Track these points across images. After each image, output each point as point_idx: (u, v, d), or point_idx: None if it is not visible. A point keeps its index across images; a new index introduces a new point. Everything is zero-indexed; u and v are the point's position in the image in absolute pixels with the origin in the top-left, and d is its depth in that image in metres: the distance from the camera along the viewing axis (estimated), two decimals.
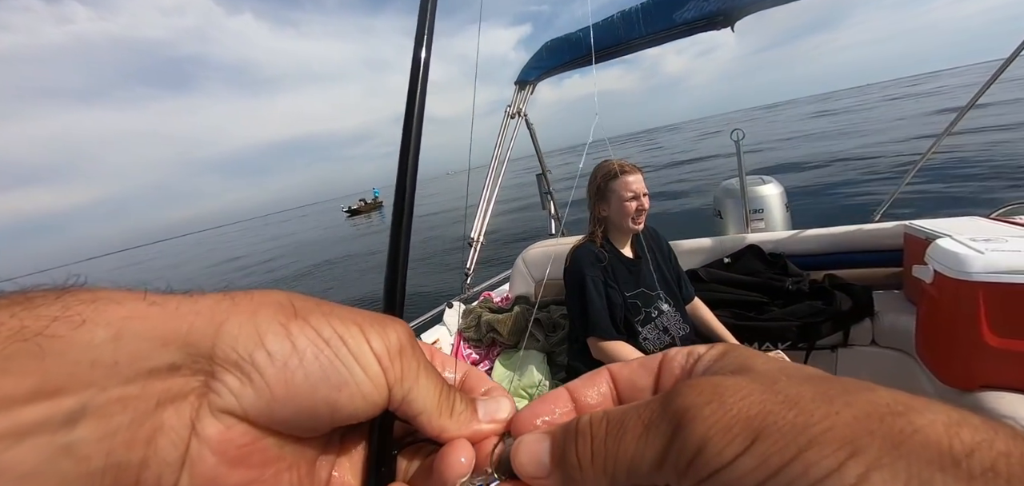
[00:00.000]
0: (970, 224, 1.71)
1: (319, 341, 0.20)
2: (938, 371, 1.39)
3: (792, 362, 0.19)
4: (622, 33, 2.22)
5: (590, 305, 1.50)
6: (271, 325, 0.19)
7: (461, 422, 0.23)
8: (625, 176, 1.57)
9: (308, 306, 0.21)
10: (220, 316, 0.19)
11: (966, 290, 1.21)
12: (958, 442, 0.13)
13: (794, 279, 1.95)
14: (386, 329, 0.21)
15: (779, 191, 2.73)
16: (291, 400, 0.19)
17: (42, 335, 0.15)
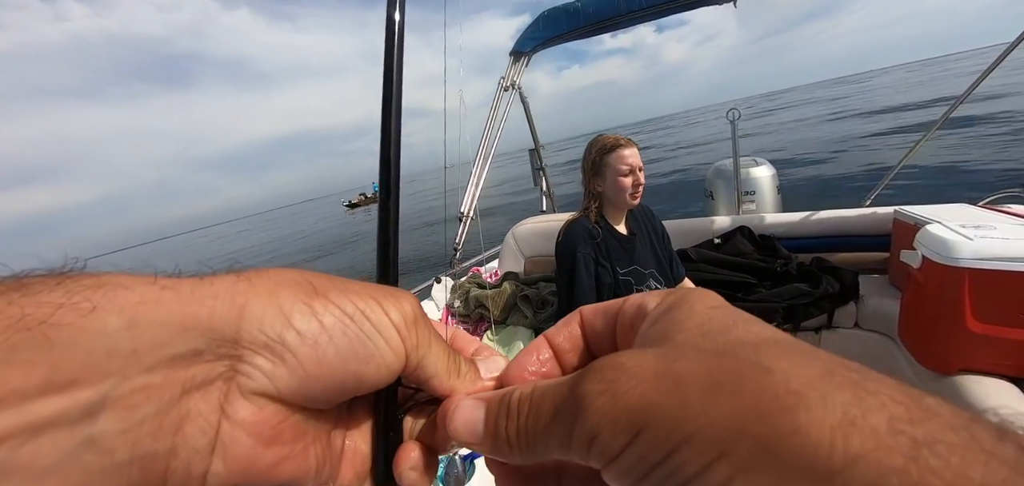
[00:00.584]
0: (960, 211, 1.72)
1: (344, 317, 0.20)
2: (919, 355, 1.41)
3: (729, 316, 0.18)
4: (622, 4, 2.16)
5: (577, 283, 1.49)
6: (295, 304, 0.19)
7: (467, 381, 0.24)
8: (620, 149, 1.54)
9: (325, 284, 0.21)
10: (240, 298, 0.18)
11: (953, 276, 1.22)
12: (841, 450, 0.12)
13: (782, 261, 1.96)
14: (400, 301, 0.22)
15: (771, 173, 2.72)
16: (323, 376, 0.19)
17: (47, 323, 0.15)
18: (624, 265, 1.56)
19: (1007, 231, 1.26)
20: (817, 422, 0.12)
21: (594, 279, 1.51)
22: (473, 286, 2.15)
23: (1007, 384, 1.19)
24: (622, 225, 1.63)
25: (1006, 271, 1.15)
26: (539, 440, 0.19)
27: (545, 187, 3.05)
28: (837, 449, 0.12)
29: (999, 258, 1.16)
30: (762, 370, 0.14)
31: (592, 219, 1.58)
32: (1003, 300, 1.17)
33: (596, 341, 0.25)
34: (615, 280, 1.53)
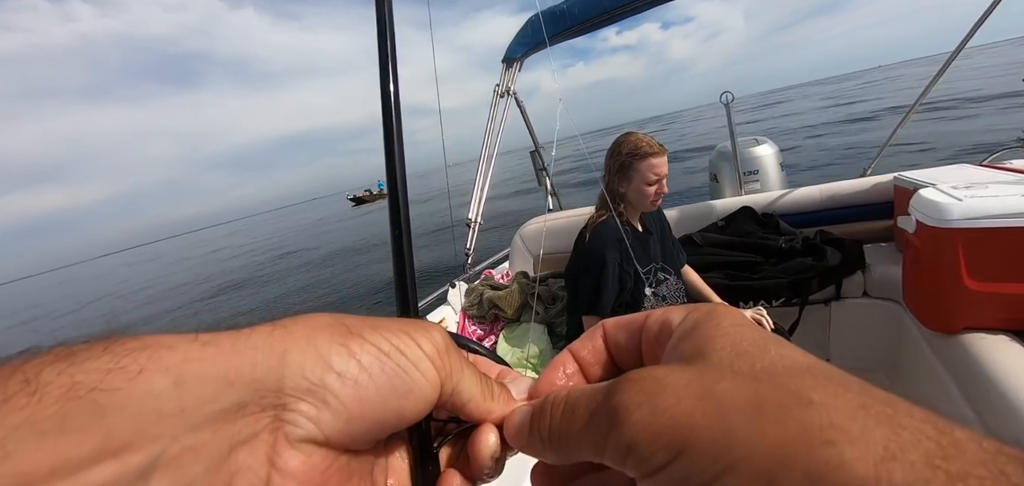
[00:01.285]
0: (958, 172, 1.73)
1: (380, 355, 0.20)
2: (923, 317, 1.44)
3: (760, 337, 0.19)
4: (607, 2, 2.21)
5: (604, 287, 1.48)
6: (332, 346, 0.20)
7: (501, 403, 0.25)
8: (652, 158, 1.50)
9: (359, 324, 0.21)
10: (279, 346, 0.19)
11: (946, 237, 1.25)
12: (885, 483, 0.12)
13: (787, 237, 1.99)
14: (431, 332, 0.23)
15: (773, 151, 2.74)
16: (366, 415, 0.20)
17: (98, 390, 0.15)
18: (643, 263, 1.58)
19: (998, 189, 1.28)
20: (861, 457, 0.13)
21: (618, 282, 1.51)
22: (486, 288, 2.22)
23: (1009, 338, 1.21)
24: (638, 222, 1.66)
25: (996, 228, 1.17)
26: (572, 442, 0.20)
27: (549, 186, 3.11)
28: (882, 483, 0.12)
29: (989, 216, 1.18)
30: (804, 402, 0.15)
31: (621, 220, 1.56)
32: (997, 256, 1.19)
33: (620, 355, 0.26)
34: (636, 279, 1.55)
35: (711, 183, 2.95)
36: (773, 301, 1.85)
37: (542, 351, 1.85)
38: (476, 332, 2.17)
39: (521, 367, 1.80)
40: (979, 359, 1.20)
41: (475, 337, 2.15)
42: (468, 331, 2.18)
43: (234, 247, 33.06)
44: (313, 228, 31.53)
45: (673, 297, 1.62)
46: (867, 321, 1.84)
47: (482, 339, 2.14)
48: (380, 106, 0.30)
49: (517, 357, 1.86)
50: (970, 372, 1.21)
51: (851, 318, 1.88)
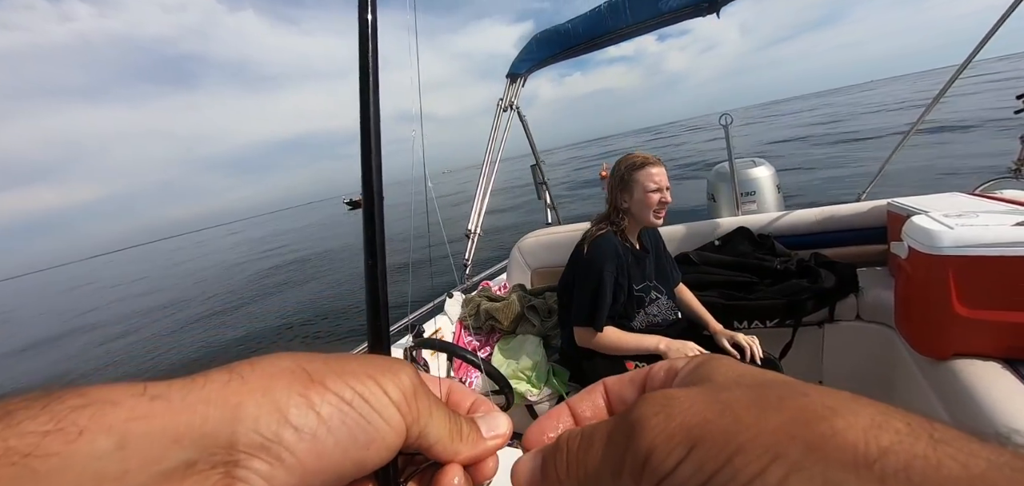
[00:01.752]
0: (950, 200, 1.76)
1: (342, 405, 0.20)
2: (915, 342, 1.45)
3: (758, 368, 0.21)
4: (610, 22, 2.26)
5: (601, 299, 1.50)
6: (290, 397, 0.19)
7: (470, 443, 0.24)
8: (649, 167, 1.54)
9: (321, 368, 0.20)
10: (233, 398, 0.18)
11: (937, 264, 1.27)
12: (874, 444, 0.14)
13: (782, 258, 2.01)
14: (398, 375, 0.22)
15: (770, 173, 2.77)
16: (324, 469, 0.19)
17: (33, 456, 0.14)
18: (638, 281, 1.60)
19: (989, 218, 1.31)
20: (851, 426, 0.15)
21: (613, 297, 1.53)
22: (483, 299, 2.23)
23: (999, 365, 1.23)
24: (636, 240, 1.67)
25: (986, 256, 1.20)
26: (590, 469, 0.20)
27: (548, 200, 3.14)
28: (871, 444, 0.14)
29: (979, 244, 1.21)
30: (799, 393, 0.17)
31: (619, 236, 1.59)
32: (987, 284, 1.21)
33: (622, 408, 0.25)
34: (630, 295, 1.57)
35: (709, 202, 2.98)
36: (768, 321, 1.86)
37: (537, 364, 1.86)
38: (472, 343, 2.18)
39: (516, 379, 1.80)
40: (969, 385, 1.21)
41: (471, 348, 2.16)
42: (464, 341, 2.19)
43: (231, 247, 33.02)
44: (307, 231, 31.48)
45: (664, 315, 1.64)
46: (860, 344, 1.86)
47: (477, 350, 2.14)
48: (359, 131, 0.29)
49: (512, 369, 1.87)
50: (960, 398, 1.22)
51: (844, 341, 1.90)
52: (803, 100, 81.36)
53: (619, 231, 1.59)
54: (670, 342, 1.45)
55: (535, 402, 1.75)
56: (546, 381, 1.82)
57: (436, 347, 1.44)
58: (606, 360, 1.56)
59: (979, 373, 1.23)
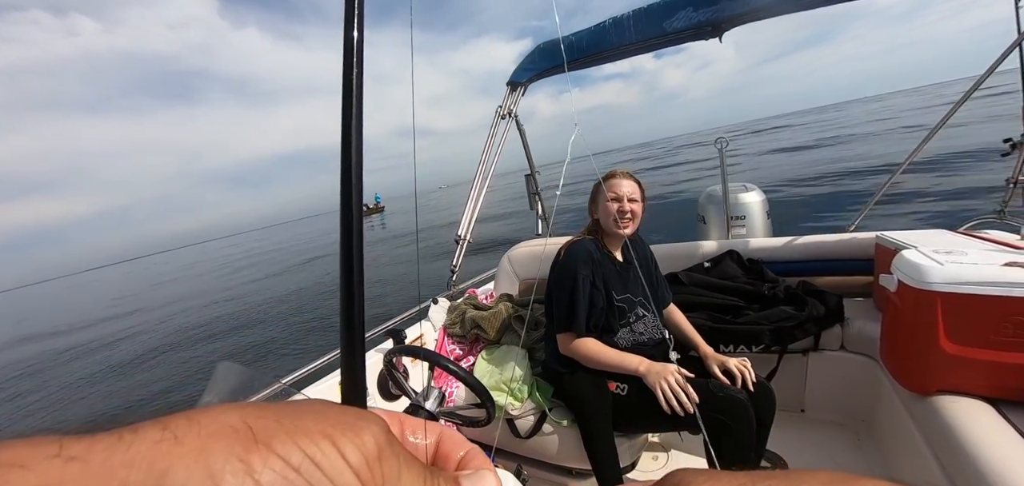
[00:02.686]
0: (937, 237, 1.78)
1: (289, 471, 0.17)
2: (899, 376, 1.45)
3: (731, 472, 0.23)
4: (613, 38, 2.26)
5: (576, 301, 1.51)
6: (228, 462, 0.16)
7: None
8: (612, 179, 1.60)
9: (269, 427, 0.18)
10: (161, 461, 0.15)
11: (926, 299, 1.27)
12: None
13: (770, 284, 2.01)
14: (361, 435, 0.19)
15: (761, 199, 2.80)
16: None
17: None
18: (619, 291, 1.60)
19: (977, 256, 1.32)
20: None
21: (589, 300, 1.54)
22: (469, 307, 2.19)
23: (983, 404, 1.23)
24: (618, 252, 1.68)
25: (975, 295, 1.20)
26: None
27: (541, 211, 3.12)
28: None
29: (968, 282, 1.21)
30: (781, 472, 0.21)
31: (594, 242, 1.63)
32: (974, 322, 1.22)
33: None
34: (610, 304, 1.57)
35: (699, 224, 2.99)
36: (754, 347, 1.86)
37: (522, 376, 1.82)
38: (455, 351, 2.13)
39: (499, 391, 1.76)
40: (952, 423, 1.21)
41: (454, 356, 2.11)
42: (447, 349, 2.14)
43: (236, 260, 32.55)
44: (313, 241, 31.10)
45: (651, 334, 1.62)
46: (843, 375, 1.86)
47: (460, 359, 2.10)
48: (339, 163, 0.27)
49: (495, 379, 1.82)
50: (943, 435, 1.22)
51: (827, 370, 1.90)
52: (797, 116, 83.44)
53: (598, 241, 1.63)
54: (651, 365, 1.43)
55: (516, 416, 1.71)
56: (529, 394, 1.78)
57: (416, 355, 1.40)
58: (588, 376, 1.54)
59: (963, 411, 1.22)
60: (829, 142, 21.32)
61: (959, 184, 9.02)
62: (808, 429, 1.88)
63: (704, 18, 2.08)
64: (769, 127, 47.48)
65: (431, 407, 1.22)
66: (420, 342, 2.12)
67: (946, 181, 9.37)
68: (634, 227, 1.61)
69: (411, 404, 1.22)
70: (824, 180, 12.28)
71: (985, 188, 8.02)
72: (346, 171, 0.26)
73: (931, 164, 10.60)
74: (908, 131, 20.72)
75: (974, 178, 9.25)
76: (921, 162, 2.26)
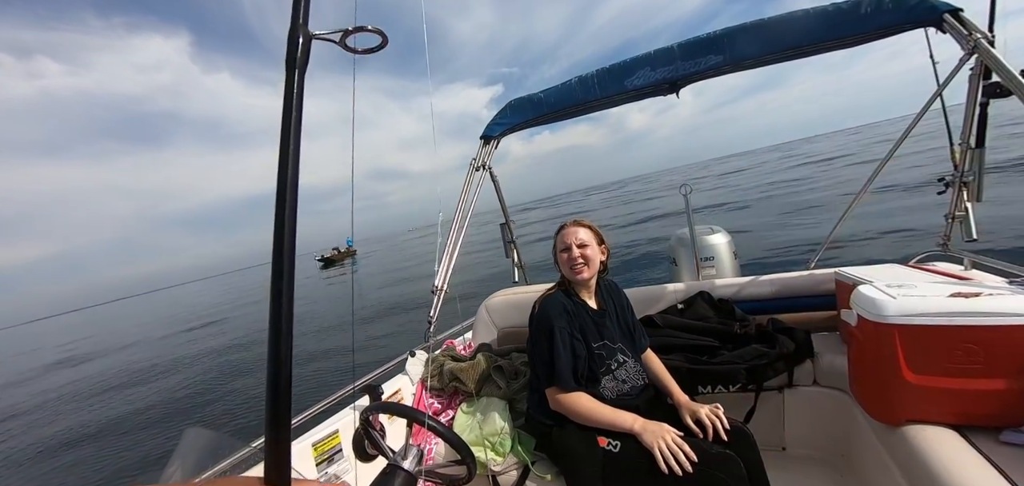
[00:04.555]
0: (890, 271, 1.89)
1: None
2: (869, 408, 1.50)
3: None
4: (579, 95, 2.39)
5: (557, 356, 1.51)
6: None
7: None
8: (562, 231, 1.70)
9: None
10: None
11: (885, 332, 1.34)
12: None
13: (741, 323, 2.07)
14: None
15: (726, 239, 2.91)
16: None
17: None
18: (595, 339, 1.61)
19: (926, 288, 1.41)
20: None
21: (571, 351, 1.55)
22: (447, 359, 2.15)
23: (950, 432, 1.28)
24: (592, 300, 1.71)
25: (927, 325, 1.27)
26: None
27: (516, 259, 3.15)
28: None
29: (920, 314, 1.29)
30: None
31: (566, 293, 1.67)
32: (930, 352, 1.28)
33: None
34: (590, 353, 1.58)
35: (671, 266, 3.08)
36: (731, 386, 1.88)
37: (501, 429, 1.77)
38: (434, 406, 2.07)
39: (479, 446, 1.71)
40: (922, 452, 1.24)
41: (433, 411, 2.05)
42: (425, 403, 2.08)
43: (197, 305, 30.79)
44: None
45: (632, 378, 1.63)
46: (818, 410, 1.89)
47: (439, 413, 2.04)
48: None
49: (476, 434, 1.77)
50: (914, 464, 1.25)
51: (803, 406, 1.94)
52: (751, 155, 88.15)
53: (569, 292, 1.67)
54: (646, 424, 1.42)
55: (498, 472, 1.65)
56: (511, 448, 1.73)
57: (393, 411, 1.35)
58: (578, 431, 1.51)
59: (931, 439, 1.26)
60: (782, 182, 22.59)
61: (905, 215, 9.67)
62: (792, 467, 1.88)
63: (661, 77, 2.24)
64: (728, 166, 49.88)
65: (409, 467, 1.17)
66: (398, 397, 2.05)
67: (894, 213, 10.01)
68: (590, 272, 1.65)
69: (388, 464, 1.17)
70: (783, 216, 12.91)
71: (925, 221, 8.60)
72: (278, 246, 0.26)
73: (879, 199, 11.32)
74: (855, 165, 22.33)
75: (917, 208, 9.94)
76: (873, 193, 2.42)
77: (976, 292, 1.31)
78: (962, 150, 1.92)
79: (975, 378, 1.24)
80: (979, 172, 1.90)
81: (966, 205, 1.95)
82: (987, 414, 1.24)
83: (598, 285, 1.75)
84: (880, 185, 5.88)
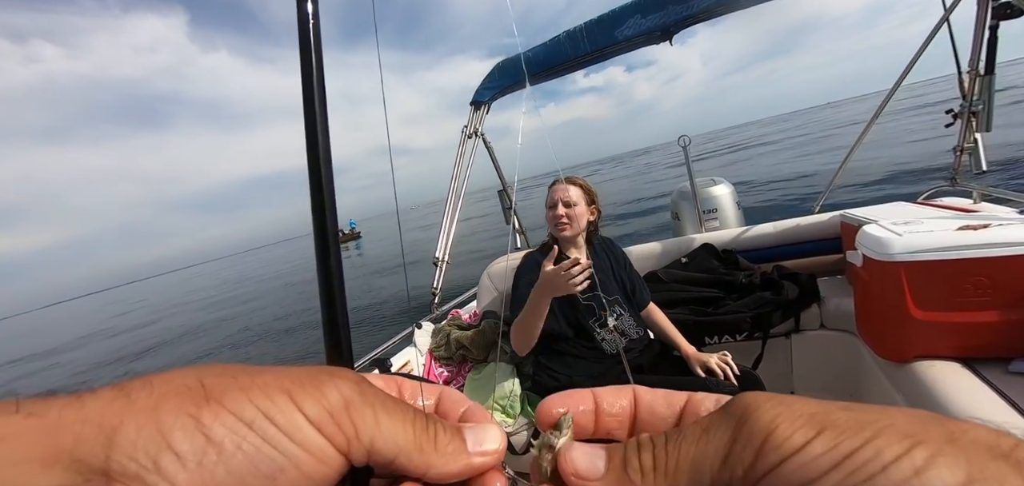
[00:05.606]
0: (896, 210, 1.86)
1: (239, 426, 0.17)
2: (876, 347, 1.49)
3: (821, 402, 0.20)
4: (568, 50, 2.31)
5: (515, 301, 1.62)
6: (178, 419, 0.16)
7: (449, 453, 0.21)
8: (552, 187, 1.69)
9: (222, 384, 0.18)
10: (112, 419, 0.16)
11: (890, 270, 1.32)
12: (1004, 442, 0.15)
13: (746, 273, 2.05)
14: (323, 389, 0.19)
15: (729, 190, 2.87)
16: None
17: None
18: (583, 292, 1.62)
19: (933, 224, 1.38)
20: (977, 428, 0.16)
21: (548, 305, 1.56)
22: (453, 328, 2.17)
23: (957, 365, 1.27)
24: (582, 256, 1.70)
25: (934, 260, 1.25)
26: (684, 462, 0.19)
27: (517, 225, 3.13)
28: (1002, 441, 0.15)
29: (926, 249, 1.26)
30: (907, 409, 0.17)
31: (548, 251, 1.63)
32: (937, 287, 1.27)
33: (653, 422, 0.24)
34: (573, 305, 1.61)
35: (673, 221, 3.04)
36: (737, 335, 1.88)
37: (511, 392, 1.80)
38: (443, 374, 2.10)
39: (491, 410, 1.73)
40: (930, 387, 1.24)
41: (442, 379, 2.08)
42: (434, 373, 2.11)
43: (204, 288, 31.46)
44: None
45: (629, 330, 1.64)
46: (826, 352, 1.90)
47: (449, 381, 2.06)
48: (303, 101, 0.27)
49: (486, 399, 1.80)
50: (923, 400, 1.25)
51: (811, 350, 1.94)
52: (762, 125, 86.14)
53: (549, 247, 1.66)
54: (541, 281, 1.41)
55: (510, 433, 1.69)
56: (521, 410, 1.76)
57: None
58: (580, 384, 1.53)
59: (939, 374, 1.26)
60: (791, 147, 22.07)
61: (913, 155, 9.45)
62: None
63: (652, 24, 2.15)
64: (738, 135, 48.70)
65: None
66: (407, 369, 2.08)
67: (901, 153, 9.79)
68: (572, 230, 1.64)
69: None
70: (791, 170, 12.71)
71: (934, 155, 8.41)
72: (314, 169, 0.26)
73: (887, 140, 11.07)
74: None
75: (926, 146, 9.71)
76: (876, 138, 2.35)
77: (984, 224, 1.28)
78: (970, 78, 1.84)
79: (983, 310, 1.23)
80: (988, 101, 1.83)
81: (975, 136, 1.88)
82: (996, 345, 1.23)
83: (590, 243, 1.73)
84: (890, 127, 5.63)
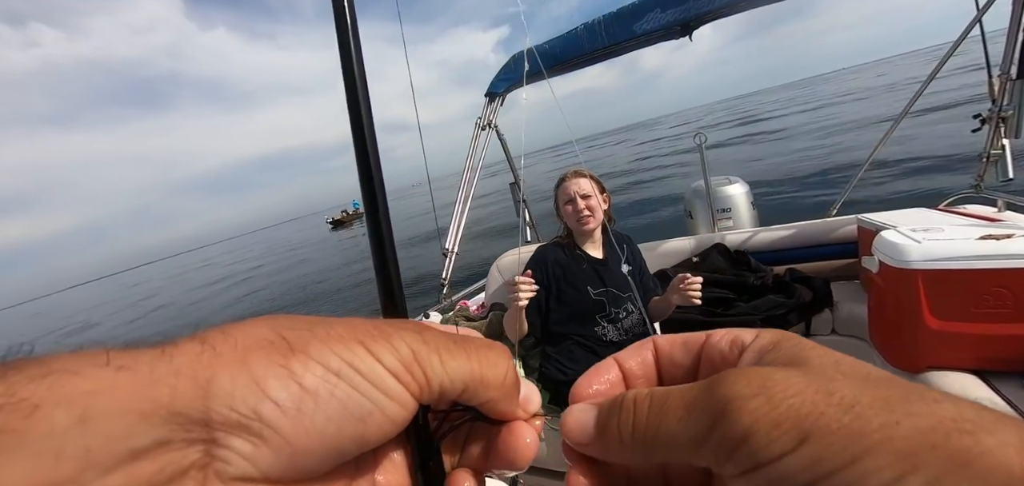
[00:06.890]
0: (916, 215, 1.81)
1: (329, 375, 0.17)
2: (889, 356, 1.46)
3: (846, 357, 0.19)
4: (586, 44, 2.29)
5: None
6: (269, 368, 0.17)
7: (509, 386, 0.22)
8: (564, 183, 1.66)
9: (303, 336, 0.18)
10: (204, 371, 0.16)
11: (907, 278, 1.29)
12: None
13: (758, 274, 2.03)
14: (392, 340, 0.19)
15: (745, 190, 2.82)
16: (315, 448, 0.17)
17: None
18: (595, 285, 1.62)
19: (954, 232, 1.34)
20: (1002, 445, 0.13)
21: (557, 298, 1.62)
22: (461, 320, 2.18)
23: (972, 377, 1.25)
24: (598, 250, 1.70)
25: (953, 270, 1.22)
26: (661, 439, 0.19)
27: (528, 218, 3.12)
28: None
29: (946, 258, 1.23)
30: (930, 399, 0.15)
31: (563, 244, 1.68)
32: (955, 297, 1.23)
33: (673, 372, 0.24)
34: (586, 298, 1.61)
35: (686, 219, 3.01)
36: None
37: None
38: None
39: None
40: None
41: None
42: None
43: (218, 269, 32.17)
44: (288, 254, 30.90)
45: (638, 329, 1.63)
46: None
47: None
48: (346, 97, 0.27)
49: None
50: None
51: None
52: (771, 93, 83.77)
53: (567, 244, 1.68)
54: None
55: None
56: None
57: None
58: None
59: (952, 385, 1.24)
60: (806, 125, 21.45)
61: (937, 156, 9.15)
62: None
63: (672, 18, 2.11)
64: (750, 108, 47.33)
65: None
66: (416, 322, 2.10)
67: (924, 156, 9.49)
68: (596, 221, 1.64)
69: None
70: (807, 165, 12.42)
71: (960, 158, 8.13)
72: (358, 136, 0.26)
73: (909, 139, 10.74)
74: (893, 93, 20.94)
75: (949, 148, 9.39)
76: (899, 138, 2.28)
77: (1008, 234, 1.24)
78: (1001, 81, 1.78)
79: (1002, 323, 1.19)
80: (1020, 106, 1.76)
81: (1003, 142, 1.82)
82: (1012, 359, 1.20)
83: (607, 235, 1.72)
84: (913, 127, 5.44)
